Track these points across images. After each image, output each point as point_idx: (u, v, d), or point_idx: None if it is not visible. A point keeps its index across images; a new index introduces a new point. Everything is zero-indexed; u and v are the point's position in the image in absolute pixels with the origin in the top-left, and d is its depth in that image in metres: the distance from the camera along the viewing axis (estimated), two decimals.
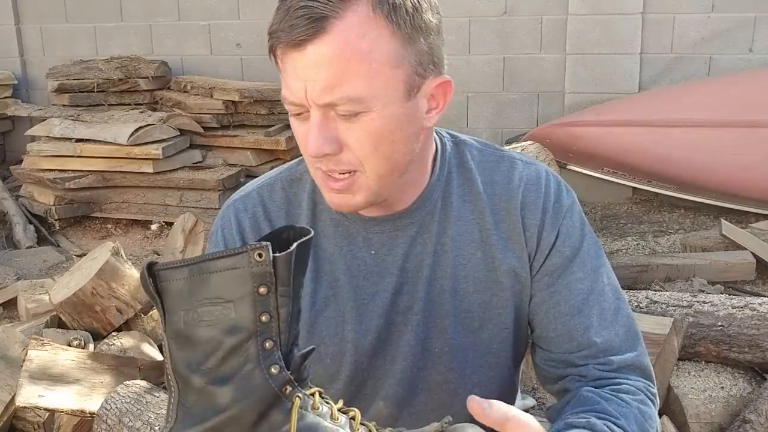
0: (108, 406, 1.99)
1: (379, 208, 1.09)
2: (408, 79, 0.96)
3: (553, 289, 1.09)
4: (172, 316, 0.73)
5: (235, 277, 0.72)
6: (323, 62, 0.91)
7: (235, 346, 0.73)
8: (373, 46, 0.92)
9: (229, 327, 0.72)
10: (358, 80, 0.92)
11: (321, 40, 0.90)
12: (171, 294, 0.73)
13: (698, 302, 2.26)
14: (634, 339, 1.09)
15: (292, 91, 0.95)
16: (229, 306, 0.72)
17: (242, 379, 0.73)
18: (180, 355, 0.74)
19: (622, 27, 4.36)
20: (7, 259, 3.96)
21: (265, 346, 0.73)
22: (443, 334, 1.11)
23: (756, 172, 3.76)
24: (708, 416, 2.04)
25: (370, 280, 1.11)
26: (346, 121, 0.94)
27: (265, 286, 0.72)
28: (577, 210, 1.12)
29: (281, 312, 0.74)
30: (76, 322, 2.75)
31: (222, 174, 4.35)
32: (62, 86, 4.79)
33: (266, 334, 0.73)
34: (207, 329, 0.72)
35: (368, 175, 0.99)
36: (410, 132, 1.00)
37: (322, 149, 0.95)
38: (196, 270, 0.72)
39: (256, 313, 0.73)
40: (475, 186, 1.11)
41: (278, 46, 0.93)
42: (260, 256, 0.72)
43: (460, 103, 4.72)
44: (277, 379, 0.74)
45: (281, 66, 0.95)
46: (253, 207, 1.14)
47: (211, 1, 5.02)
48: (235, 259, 0.72)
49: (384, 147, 0.97)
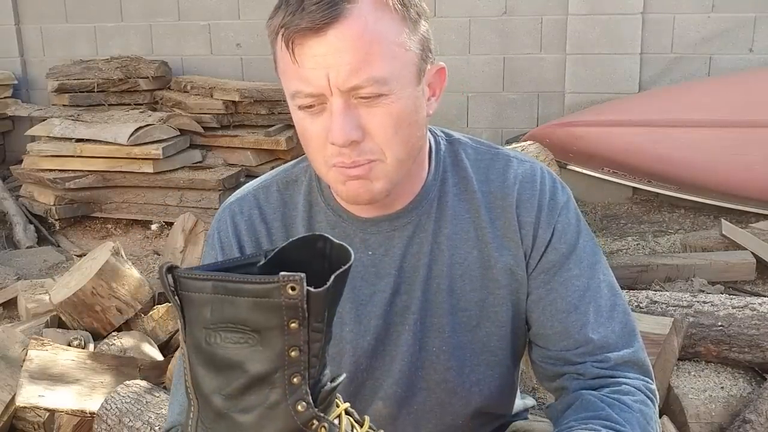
0: (108, 406, 1.99)
1: (376, 208, 1.09)
2: (417, 62, 0.99)
3: (549, 287, 1.09)
4: (193, 329, 0.68)
5: (264, 306, 0.66)
6: (346, 46, 0.92)
7: (259, 377, 0.68)
8: (388, 29, 0.94)
9: (255, 358, 0.67)
10: (381, 62, 0.93)
11: (341, 24, 0.92)
12: (193, 306, 0.67)
13: (698, 302, 2.26)
14: (631, 335, 1.09)
15: (311, 81, 0.94)
16: (255, 336, 0.67)
17: (266, 411, 0.68)
18: (201, 373, 0.69)
19: (622, 27, 4.36)
20: (7, 259, 3.96)
21: (292, 382, 0.68)
22: (441, 333, 1.11)
23: (756, 172, 3.75)
24: (708, 416, 2.04)
25: (368, 281, 1.11)
26: (367, 106, 0.95)
27: (296, 321, 0.66)
28: (573, 207, 1.12)
29: (312, 347, 0.69)
30: (76, 322, 2.75)
31: (222, 174, 4.34)
32: (62, 86, 4.79)
33: (294, 368, 0.68)
34: (229, 354, 0.67)
35: (389, 162, 0.99)
36: (421, 117, 1.02)
37: (350, 135, 0.95)
38: (222, 289, 0.66)
39: (284, 346, 0.67)
40: (471, 184, 1.11)
41: (296, 35, 0.93)
42: (293, 290, 0.65)
43: (460, 103, 4.72)
44: (303, 417, 0.69)
45: (297, 57, 0.94)
46: (249, 209, 1.14)
47: (211, 1, 5.02)
48: (265, 288, 0.65)
49: (403, 131, 0.98)
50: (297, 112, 1.00)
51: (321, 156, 1.00)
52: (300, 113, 0.99)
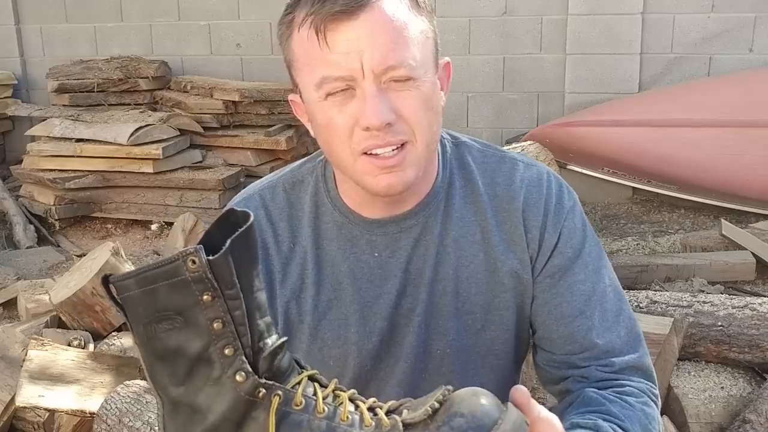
0: (108, 406, 1.99)
1: (385, 208, 1.09)
2: (434, 51, 1.02)
3: (555, 291, 1.09)
4: (137, 328, 0.70)
5: (176, 286, 0.68)
6: (379, 29, 0.94)
7: (196, 356, 0.70)
8: (410, 18, 0.98)
9: (186, 339, 0.69)
10: (411, 46, 0.97)
11: (372, 8, 0.94)
12: (129, 307, 0.70)
13: (698, 302, 2.26)
14: (636, 340, 1.09)
15: (342, 65, 0.95)
16: (180, 319, 0.69)
17: (212, 389, 0.70)
18: (154, 368, 0.72)
19: (622, 27, 4.36)
20: (7, 259, 3.96)
21: (225, 354, 0.70)
22: (445, 336, 1.11)
23: (756, 172, 3.76)
24: (708, 416, 2.04)
25: (374, 282, 1.11)
26: (397, 90, 0.97)
27: (208, 293, 0.68)
28: (579, 211, 1.12)
29: (235, 315, 0.70)
30: (76, 322, 2.75)
31: (222, 174, 4.35)
32: (62, 86, 4.79)
33: (223, 340, 0.69)
34: (167, 342, 0.69)
35: (418, 145, 1.00)
36: (439, 105, 1.04)
37: (386, 117, 0.96)
38: (142, 281, 0.68)
39: (206, 321, 0.69)
40: (477, 187, 1.11)
41: (328, 19, 0.94)
42: (193, 263, 0.67)
43: (460, 103, 4.72)
44: (245, 386, 0.70)
45: (329, 42, 0.95)
46: (255, 210, 1.14)
47: (211, 1, 5.02)
48: (170, 268, 0.67)
49: (429, 115, 1.00)
50: (321, 104, 0.99)
51: (347, 146, 0.99)
52: (326, 104, 0.99)
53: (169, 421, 0.73)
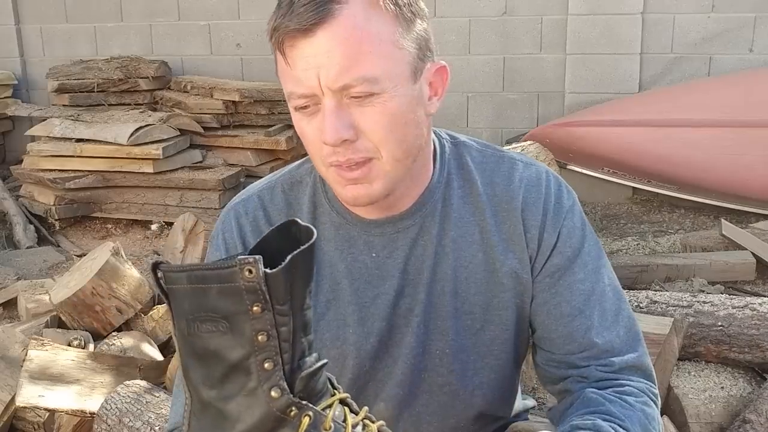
0: (108, 406, 1.99)
1: (380, 209, 1.09)
2: (413, 61, 0.99)
3: (554, 290, 1.09)
4: (179, 321, 0.70)
5: (227, 292, 0.67)
6: (335, 46, 0.92)
7: (235, 364, 0.69)
8: (379, 29, 0.95)
9: (227, 344, 0.68)
10: (371, 61, 0.94)
11: (330, 24, 0.92)
12: (176, 299, 0.69)
13: (698, 302, 2.26)
14: (635, 340, 1.09)
15: (302, 82, 0.95)
16: (225, 323, 0.68)
17: (245, 399, 0.70)
18: (189, 364, 0.71)
19: (622, 27, 4.36)
20: (7, 259, 3.95)
21: (264, 367, 0.69)
22: (444, 336, 1.11)
23: (756, 172, 3.75)
24: (708, 416, 2.04)
25: (372, 283, 1.11)
26: (359, 105, 0.95)
27: (258, 304, 0.67)
28: (578, 211, 1.12)
29: (281, 331, 0.69)
30: (76, 322, 2.75)
31: (222, 174, 4.34)
32: (62, 86, 4.79)
33: (265, 354, 0.69)
34: (207, 344, 0.69)
35: (385, 160, 0.99)
36: (419, 115, 1.01)
37: (341, 134, 0.95)
38: (194, 278, 0.68)
39: (252, 331, 0.68)
40: (475, 187, 1.11)
41: (286, 37, 0.94)
42: (250, 272, 0.66)
43: (460, 103, 4.72)
44: (279, 403, 0.70)
45: (288, 59, 0.95)
46: (254, 210, 1.14)
47: (211, 1, 5.02)
48: (226, 273, 0.67)
49: (398, 129, 0.98)
50: (294, 114, 1.01)
51: (319, 156, 1.01)
52: (297, 114, 1.00)
53: (194, 420, 0.73)
